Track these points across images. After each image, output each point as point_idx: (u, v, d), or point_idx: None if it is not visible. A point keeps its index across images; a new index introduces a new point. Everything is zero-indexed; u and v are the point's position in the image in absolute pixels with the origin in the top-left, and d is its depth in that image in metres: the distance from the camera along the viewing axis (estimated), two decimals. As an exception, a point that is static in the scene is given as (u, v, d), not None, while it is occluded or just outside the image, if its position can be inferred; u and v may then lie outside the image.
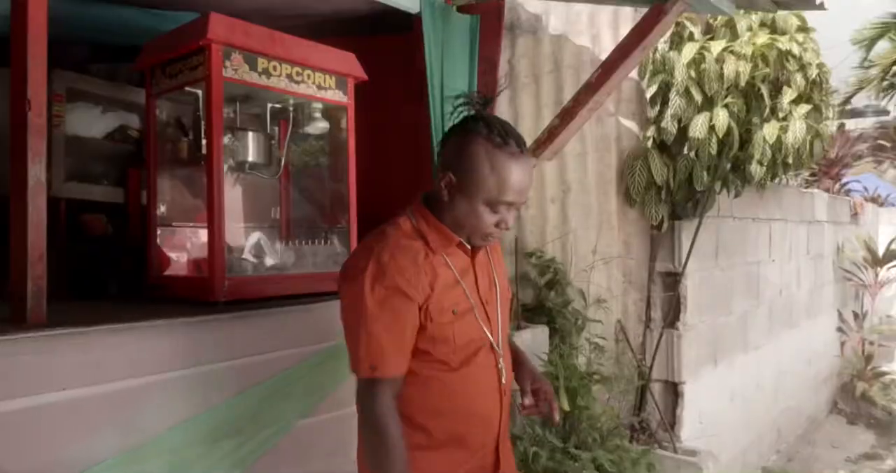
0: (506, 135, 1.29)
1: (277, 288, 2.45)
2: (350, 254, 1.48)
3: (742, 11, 2.99)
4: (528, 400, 1.52)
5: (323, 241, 2.83)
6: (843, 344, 7.49)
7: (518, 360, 1.60)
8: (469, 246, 1.41)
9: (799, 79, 3.43)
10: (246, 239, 2.74)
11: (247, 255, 2.70)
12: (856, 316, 7.68)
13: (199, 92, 2.43)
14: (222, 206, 2.31)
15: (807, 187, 7.56)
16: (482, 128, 1.29)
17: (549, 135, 2.47)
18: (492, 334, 1.43)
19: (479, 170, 1.28)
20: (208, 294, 2.28)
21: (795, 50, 3.40)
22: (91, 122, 3.72)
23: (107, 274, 3.11)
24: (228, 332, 2.10)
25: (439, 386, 1.38)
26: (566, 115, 2.41)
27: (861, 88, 8.64)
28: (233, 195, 2.78)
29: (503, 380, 1.45)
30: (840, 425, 6.75)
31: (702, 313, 3.78)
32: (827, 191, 8.48)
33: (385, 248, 1.32)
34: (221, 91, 2.33)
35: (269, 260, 2.68)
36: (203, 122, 2.40)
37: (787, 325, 5.52)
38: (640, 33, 2.14)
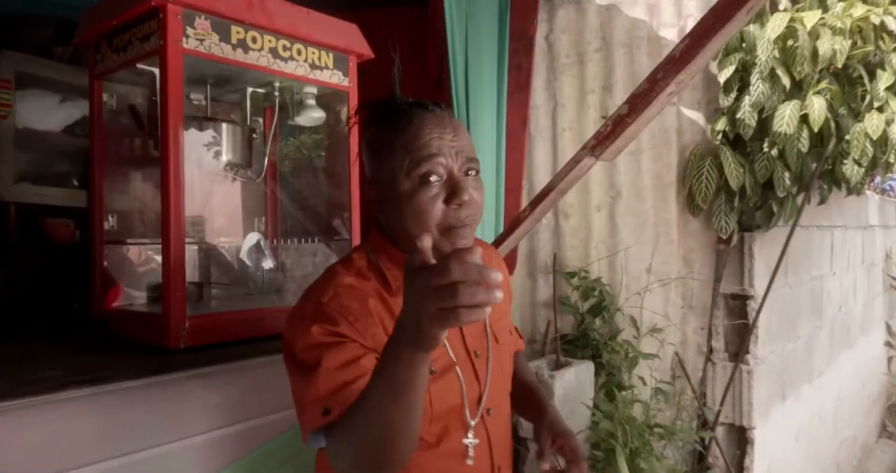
0: (388, 102, 1.06)
1: (255, 328, 1.88)
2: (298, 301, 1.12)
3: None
4: (547, 465, 1.14)
5: (318, 260, 2.27)
6: (890, 359, 6.88)
7: (534, 404, 1.28)
8: None
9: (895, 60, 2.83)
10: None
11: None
12: (906, 328, 7.06)
13: (157, 71, 1.86)
14: (181, 219, 1.75)
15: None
16: (367, 119, 1.09)
17: (614, 128, 1.86)
18: (482, 397, 1.11)
19: (379, 148, 1.04)
20: (163, 338, 1.72)
21: (892, 24, 2.79)
22: (47, 113, 3.20)
23: (71, 287, 2.59)
24: (184, 398, 1.53)
25: (413, 471, 1.01)
26: (638, 102, 1.81)
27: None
28: (201, 203, 2.21)
29: (495, 458, 1.12)
30: (891, 450, 6.16)
31: (772, 341, 3.18)
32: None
33: (327, 289, 1.04)
34: (181, 67, 1.77)
35: (243, 279, 2.12)
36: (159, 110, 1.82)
37: (844, 345, 4.91)
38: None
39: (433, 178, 0.99)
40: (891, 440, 6.43)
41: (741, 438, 3.06)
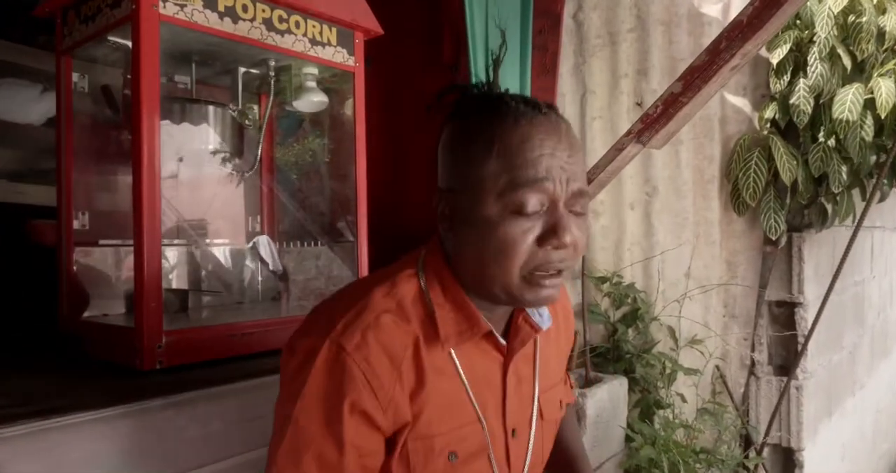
0: (491, 96, 0.83)
1: (242, 344, 1.61)
2: (309, 314, 0.88)
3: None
4: None
5: (318, 265, 2.00)
6: (921, 366, 6.57)
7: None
8: (503, 341, 0.87)
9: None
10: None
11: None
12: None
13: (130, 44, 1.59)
14: (156, 215, 1.48)
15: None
16: (454, 108, 0.85)
17: (665, 109, 1.59)
18: None
19: (466, 152, 0.80)
20: (135, 356, 1.45)
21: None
22: (26, 105, 2.96)
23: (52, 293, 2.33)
24: (158, 431, 1.26)
25: None
26: (696, 77, 1.55)
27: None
28: (183, 200, 1.94)
29: None
30: (925, 464, 5.86)
31: (821, 354, 2.90)
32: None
33: (354, 329, 0.78)
34: (156, 36, 1.50)
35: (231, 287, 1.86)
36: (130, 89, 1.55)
37: (883, 354, 4.63)
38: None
39: (530, 209, 0.76)
40: (924, 453, 6.13)
41: (787, 460, 2.77)
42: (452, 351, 0.84)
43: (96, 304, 1.78)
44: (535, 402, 0.94)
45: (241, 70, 1.95)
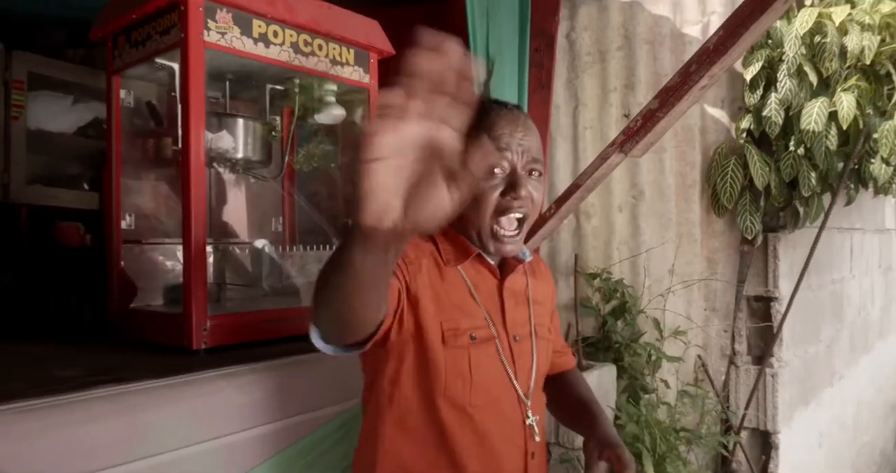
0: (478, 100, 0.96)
1: (277, 328, 1.83)
2: None
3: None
4: None
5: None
6: (906, 363, 6.79)
7: (586, 416, 1.25)
8: (495, 265, 1.15)
9: (921, 58, 2.78)
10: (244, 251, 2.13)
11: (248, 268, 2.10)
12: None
13: (176, 66, 1.82)
14: (202, 217, 1.70)
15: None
16: None
17: (644, 123, 1.81)
18: (518, 380, 1.13)
19: None
20: (183, 338, 1.67)
21: (920, 22, 2.74)
22: (59, 114, 3.16)
23: (82, 292, 2.55)
24: (208, 399, 1.48)
25: (445, 442, 1.06)
26: (670, 96, 1.76)
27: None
28: (220, 202, 2.16)
29: (536, 439, 1.14)
30: (910, 457, 6.05)
31: (796, 345, 3.12)
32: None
33: None
34: (202, 61, 1.72)
35: (261, 280, 2.07)
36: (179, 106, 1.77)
37: (863, 350, 4.84)
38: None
39: (497, 171, 1.06)
40: (908, 446, 6.33)
41: (765, 443, 3.00)
42: (460, 268, 1.11)
43: (140, 296, 2.00)
44: (531, 321, 1.19)
45: (269, 87, 2.18)
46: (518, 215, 1.07)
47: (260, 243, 2.23)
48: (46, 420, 1.23)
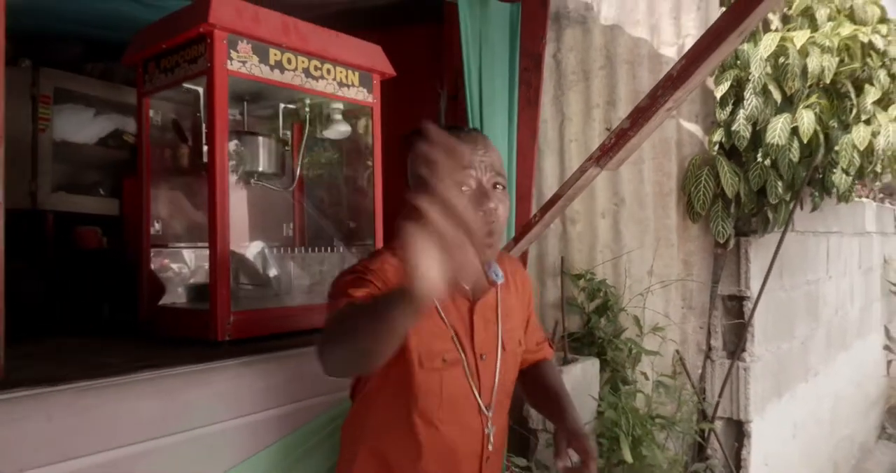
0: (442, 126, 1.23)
1: (292, 323, 2.05)
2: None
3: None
4: (561, 463, 1.26)
5: (345, 263, 2.44)
6: (889, 362, 7.01)
7: (556, 408, 1.35)
8: (468, 289, 1.24)
9: (883, 76, 3.01)
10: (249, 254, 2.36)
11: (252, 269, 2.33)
12: (903, 332, 7.20)
13: (200, 89, 2.04)
14: (226, 224, 1.92)
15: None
16: (415, 139, 1.15)
17: (617, 141, 2.03)
18: (481, 395, 1.24)
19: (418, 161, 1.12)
20: (209, 331, 1.89)
21: (879, 42, 2.98)
22: (82, 126, 3.37)
23: (100, 292, 2.77)
24: (234, 382, 1.70)
25: (414, 446, 1.21)
26: (639, 117, 1.98)
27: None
28: (239, 210, 2.39)
29: (490, 447, 1.27)
30: (891, 451, 6.28)
31: (768, 341, 3.35)
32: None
33: (374, 261, 1.20)
34: (226, 87, 1.94)
35: (275, 280, 2.30)
36: (204, 125, 2.00)
37: (841, 347, 5.07)
38: (739, 12, 1.70)
39: (463, 188, 1.15)
40: (890, 441, 6.55)
41: (739, 431, 3.23)
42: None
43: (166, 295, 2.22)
44: (499, 338, 1.29)
45: (282, 106, 2.41)
46: (489, 229, 1.17)
47: (272, 246, 2.45)
48: (100, 397, 1.45)
